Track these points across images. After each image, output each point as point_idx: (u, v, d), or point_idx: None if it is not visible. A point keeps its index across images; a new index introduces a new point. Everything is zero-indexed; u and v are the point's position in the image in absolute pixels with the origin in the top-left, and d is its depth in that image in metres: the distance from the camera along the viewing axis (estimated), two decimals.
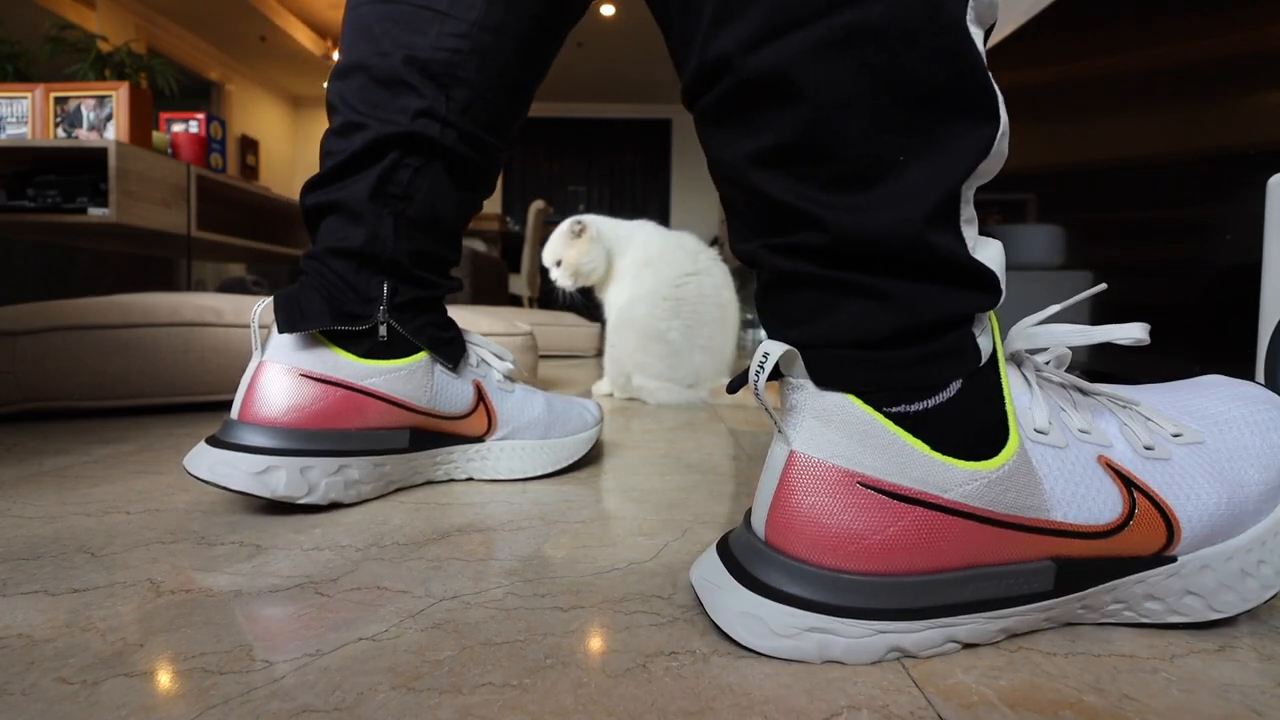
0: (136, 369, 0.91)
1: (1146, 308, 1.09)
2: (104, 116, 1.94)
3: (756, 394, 0.30)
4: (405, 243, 0.53)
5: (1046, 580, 0.30)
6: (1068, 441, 0.31)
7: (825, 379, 0.30)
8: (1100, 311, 1.19)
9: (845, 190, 0.29)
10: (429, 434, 0.54)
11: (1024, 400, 0.31)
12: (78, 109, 1.95)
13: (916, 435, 0.29)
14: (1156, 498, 0.31)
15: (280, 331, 0.48)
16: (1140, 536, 0.31)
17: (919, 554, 0.29)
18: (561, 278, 1.22)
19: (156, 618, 0.31)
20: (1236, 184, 0.91)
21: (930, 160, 0.29)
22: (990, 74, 0.29)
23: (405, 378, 0.52)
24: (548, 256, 1.22)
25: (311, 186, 0.52)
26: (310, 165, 6.41)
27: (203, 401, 0.97)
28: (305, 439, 0.47)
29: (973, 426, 0.30)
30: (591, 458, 0.69)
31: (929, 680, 0.27)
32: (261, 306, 0.48)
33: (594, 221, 1.22)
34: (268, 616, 0.32)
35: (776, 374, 0.31)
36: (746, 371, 0.31)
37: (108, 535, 0.43)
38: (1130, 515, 0.31)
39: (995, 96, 0.29)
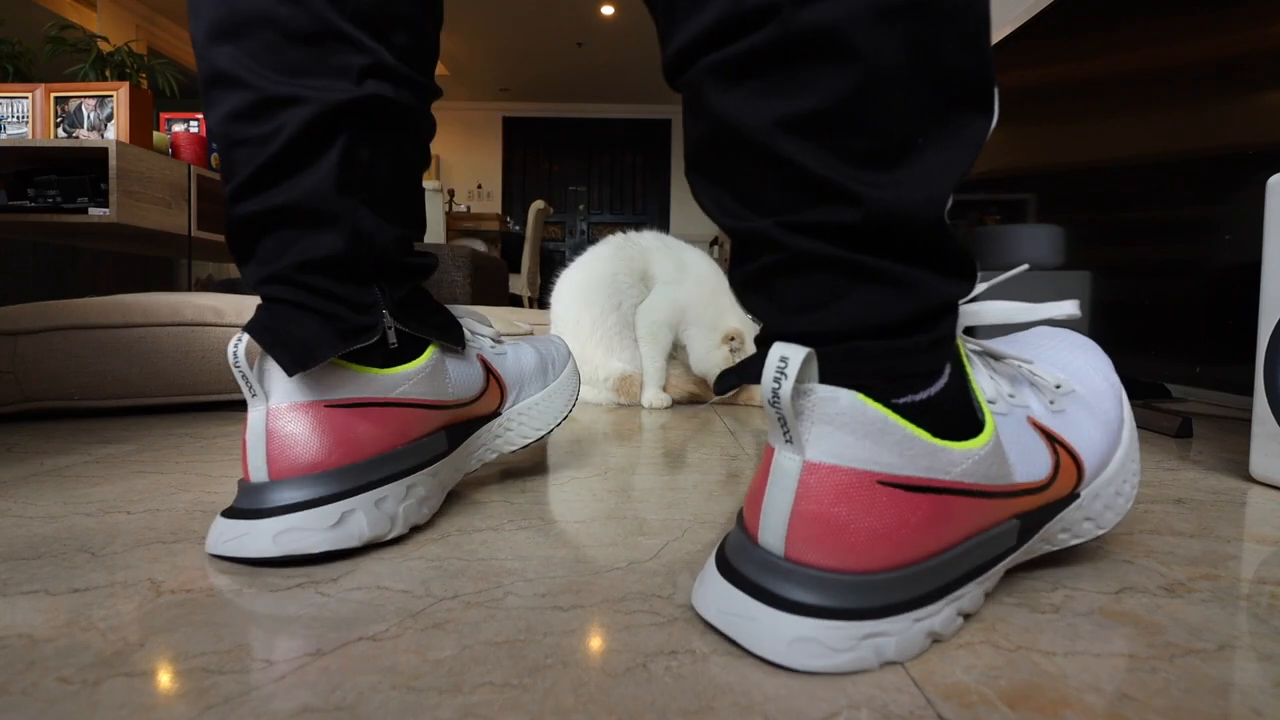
0: (136, 369, 0.91)
1: (1146, 307, 1.09)
2: (104, 116, 1.94)
3: (774, 402, 0.28)
4: (389, 232, 0.45)
5: (1013, 537, 0.34)
6: (1009, 409, 0.34)
7: (836, 374, 0.29)
8: (1100, 311, 1.19)
9: (874, 168, 0.29)
10: (459, 427, 0.51)
11: (976, 375, 0.34)
12: (78, 109, 1.95)
13: (919, 425, 0.30)
14: (1069, 446, 0.36)
15: (290, 373, 0.39)
16: (1063, 483, 0.36)
17: (934, 537, 0.30)
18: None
19: (157, 617, 0.31)
20: (1236, 184, 0.91)
21: (943, 147, 0.29)
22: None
23: (429, 376, 0.47)
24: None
25: (241, 193, 0.41)
26: None
27: (203, 401, 0.97)
28: (361, 473, 0.41)
29: (959, 409, 0.32)
30: (592, 457, 0.69)
31: (929, 680, 0.27)
32: (240, 347, 0.39)
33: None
34: (268, 616, 0.32)
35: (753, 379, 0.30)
36: (743, 371, 0.31)
37: (108, 535, 0.43)
38: (1057, 466, 0.36)
39: (995, 91, 0.30)
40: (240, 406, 1.00)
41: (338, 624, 0.31)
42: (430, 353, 0.48)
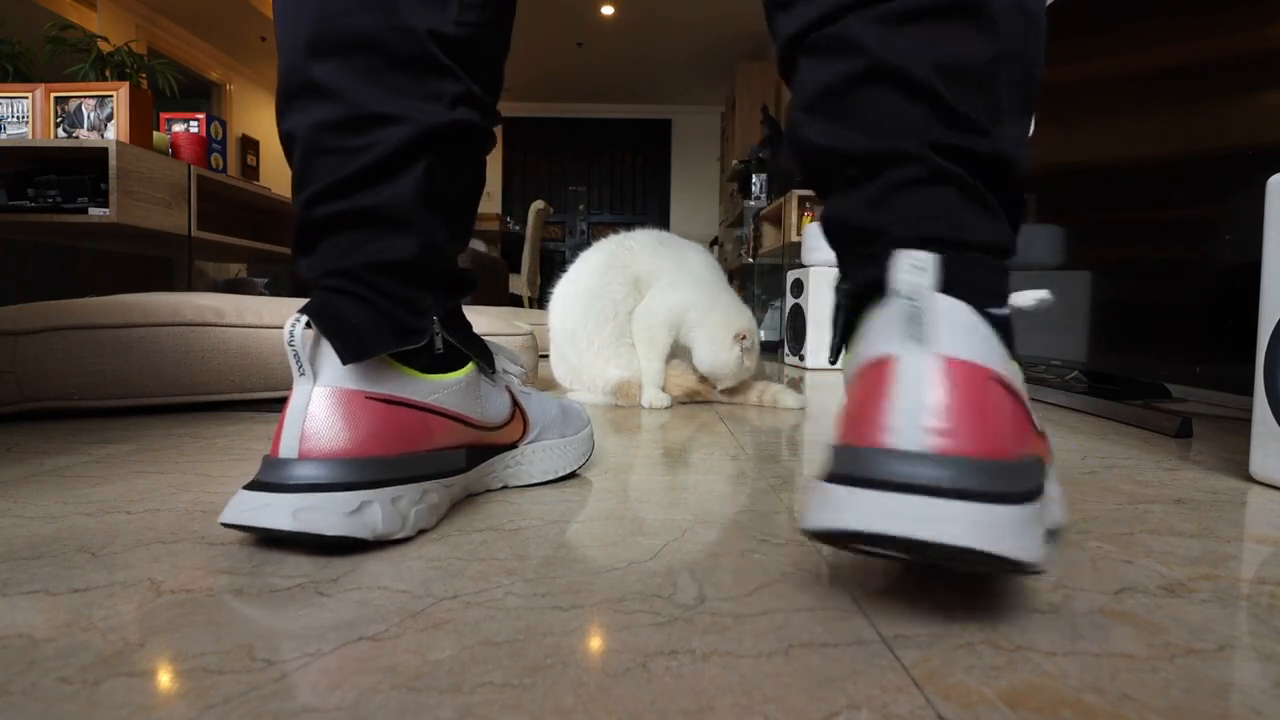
0: (136, 369, 0.91)
1: (1146, 307, 1.09)
2: (104, 116, 1.94)
3: (914, 298, 0.33)
4: (453, 245, 0.49)
5: None
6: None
7: (954, 282, 0.33)
8: (1100, 311, 1.19)
9: (992, 118, 0.37)
10: (479, 449, 0.52)
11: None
12: (78, 109, 1.95)
13: (1002, 339, 0.35)
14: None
15: (345, 362, 0.41)
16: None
17: (1012, 435, 0.33)
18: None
19: (157, 617, 0.31)
20: (1236, 184, 0.91)
21: (1013, 126, 0.38)
22: None
23: (462, 391, 0.49)
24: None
25: (324, 196, 0.44)
26: None
27: (203, 401, 0.97)
28: (386, 468, 0.42)
29: (1010, 337, 0.37)
30: (592, 457, 0.69)
31: (929, 680, 0.27)
32: (298, 327, 0.41)
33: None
34: (268, 616, 0.32)
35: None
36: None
37: (108, 535, 0.43)
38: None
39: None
40: (240, 407, 1.00)
41: (338, 624, 0.31)
42: (469, 369, 0.50)
